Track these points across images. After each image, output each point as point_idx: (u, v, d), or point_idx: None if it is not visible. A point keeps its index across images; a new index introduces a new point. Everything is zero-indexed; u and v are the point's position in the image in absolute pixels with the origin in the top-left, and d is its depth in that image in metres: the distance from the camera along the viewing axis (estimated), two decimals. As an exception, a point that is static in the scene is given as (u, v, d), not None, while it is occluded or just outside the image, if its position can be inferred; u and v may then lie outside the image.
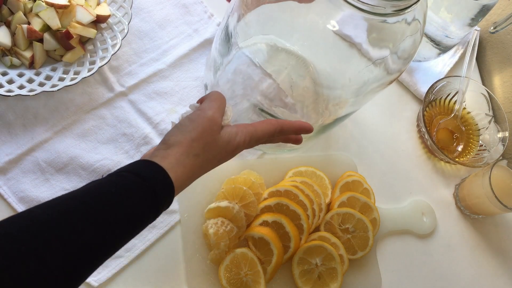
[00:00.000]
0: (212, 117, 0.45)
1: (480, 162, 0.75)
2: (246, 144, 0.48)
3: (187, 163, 0.43)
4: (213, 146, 0.45)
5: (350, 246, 0.64)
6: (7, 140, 0.60)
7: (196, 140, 0.44)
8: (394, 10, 0.44)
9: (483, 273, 0.72)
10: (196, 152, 0.44)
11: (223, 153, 0.47)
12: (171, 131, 0.45)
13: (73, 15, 0.62)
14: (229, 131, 0.47)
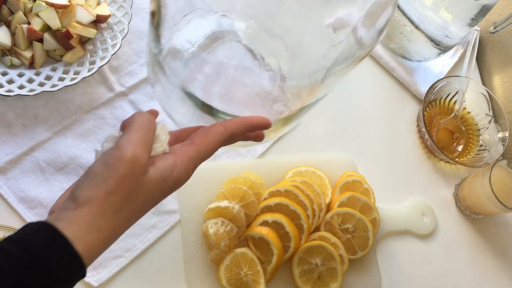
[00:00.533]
0: (132, 158, 0.34)
1: (480, 162, 0.75)
2: (190, 171, 0.39)
3: (104, 225, 0.33)
4: (140, 193, 0.35)
5: (350, 246, 0.64)
6: (7, 140, 0.60)
7: (114, 191, 0.33)
8: None
9: (483, 273, 0.72)
10: (116, 208, 0.34)
11: (157, 195, 0.37)
12: (81, 181, 0.34)
13: (73, 15, 0.62)
14: (163, 166, 0.36)
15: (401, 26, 0.76)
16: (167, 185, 0.37)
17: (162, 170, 0.36)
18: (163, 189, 0.37)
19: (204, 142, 0.39)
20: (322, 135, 0.74)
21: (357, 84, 0.79)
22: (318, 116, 0.75)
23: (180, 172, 0.37)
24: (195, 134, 0.41)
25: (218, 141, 0.40)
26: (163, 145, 0.38)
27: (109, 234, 0.34)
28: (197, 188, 0.64)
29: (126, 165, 0.34)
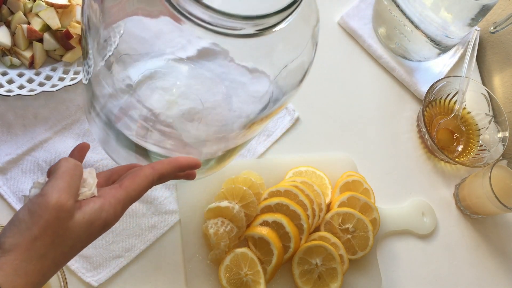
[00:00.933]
0: (57, 204, 0.35)
1: (480, 162, 0.75)
2: (118, 214, 0.39)
3: (30, 269, 0.34)
4: (66, 237, 0.36)
5: (350, 246, 0.64)
6: (7, 140, 0.60)
7: (40, 238, 0.34)
8: (258, 29, 0.35)
9: (483, 273, 0.72)
10: (42, 253, 0.34)
11: (85, 238, 0.37)
12: (7, 228, 0.35)
13: (73, 15, 0.62)
14: (91, 209, 0.37)
15: (401, 26, 0.76)
16: (95, 228, 0.37)
17: (89, 213, 0.37)
18: (91, 232, 0.37)
19: (132, 185, 0.40)
20: (322, 135, 0.74)
21: (357, 84, 0.79)
22: (318, 116, 0.75)
23: (108, 215, 0.38)
24: (124, 177, 0.41)
25: (146, 183, 0.41)
26: (91, 188, 0.39)
27: (37, 277, 0.35)
28: (197, 188, 0.64)
29: (51, 212, 0.35)
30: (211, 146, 0.51)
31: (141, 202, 0.61)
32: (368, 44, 0.82)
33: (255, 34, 0.36)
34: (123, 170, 0.44)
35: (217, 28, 0.34)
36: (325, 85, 0.78)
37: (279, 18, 0.35)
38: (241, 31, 0.35)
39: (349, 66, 0.80)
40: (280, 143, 0.71)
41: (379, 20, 0.81)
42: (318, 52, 0.79)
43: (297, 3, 0.36)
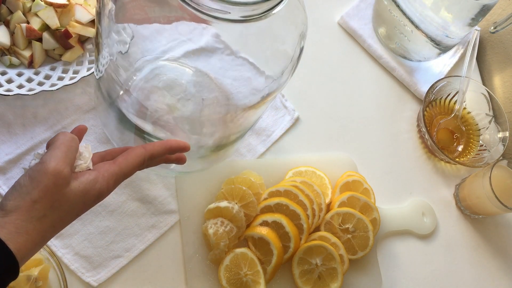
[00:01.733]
0: (55, 170, 0.38)
1: (481, 162, 0.75)
2: (111, 187, 0.43)
3: (31, 229, 0.37)
4: (63, 202, 0.39)
5: (350, 246, 0.63)
6: (6, 140, 0.60)
7: (39, 201, 0.38)
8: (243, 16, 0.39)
9: (483, 273, 0.72)
10: (41, 214, 0.38)
11: (80, 206, 0.41)
12: (9, 192, 0.39)
13: (72, 14, 0.62)
14: (86, 179, 0.41)
15: (401, 26, 0.76)
16: (89, 197, 0.41)
17: (85, 183, 0.40)
18: (86, 201, 0.41)
19: (125, 161, 0.44)
20: (322, 135, 0.74)
21: (357, 84, 0.79)
22: (318, 116, 0.75)
23: (102, 186, 0.42)
24: (119, 156, 0.45)
25: (138, 161, 0.44)
26: (86, 161, 0.42)
27: (37, 237, 0.38)
28: (196, 188, 0.64)
29: (49, 177, 0.38)
30: (207, 130, 0.54)
31: (141, 202, 0.61)
32: (368, 44, 0.82)
33: (242, 20, 0.39)
34: (116, 152, 0.47)
35: (208, 11, 0.38)
36: (325, 85, 0.78)
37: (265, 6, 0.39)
38: (227, 16, 0.38)
39: (349, 66, 0.80)
40: (280, 143, 0.71)
41: (379, 20, 0.81)
42: (318, 52, 0.80)
43: None
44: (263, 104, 0.49)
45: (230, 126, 0.53)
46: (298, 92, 0.75)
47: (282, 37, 0.47)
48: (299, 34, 0.47)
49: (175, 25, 0.45)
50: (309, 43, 0.79)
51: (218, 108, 0.52)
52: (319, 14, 0.83)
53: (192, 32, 0.49)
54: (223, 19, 0.38)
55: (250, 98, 0.48)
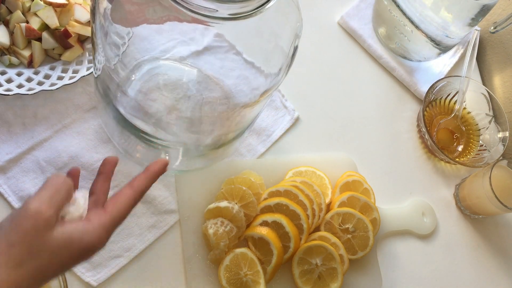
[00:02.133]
0: (35, 213, 0.35)
1: (480, 162, 0.75)
2: (104, 239, 0.39)
3: (5, 278, 0.33)
4: (43, 249, 0.35)
5: (350, 246, 0.63)
6: (7, 139, 0.60)
7: (15, 245, 0.34)
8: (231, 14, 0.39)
9: (483, 273, 0.72)
10: (17, 261, 0.34)
11: (65, 258, 0.36)
12: None
13: (71, 13, 0.62)
14: (72, 229, 0.37)
15: (401, 26, 0.76)
16: (75, 249, 0.37)
17: (70, 232, 0.36)
18: (71, 252, 0.37)
19: (115, 208, 0.40)
20: (322, 135, 0.74)
21: (357, 84, 0.79)
22: (318, 116, 0.75)
23: (91, 238, 0.38)
24: (108, 201, 0.41)
25: (129, 203, 0.41)
26: (79, 210, 0.39)
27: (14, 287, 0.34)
28: (196, 188, 0.63)
29: (29, 220, 0.35)
30: (206, 128, 0.54)
31: (140, 201, 0.61)
32: (368, 44, 0.82)
33: (230, 18, 0.39)
34: (103, 190, 0.44)
35: (196, 10, 0.38)
36: (325, 85, 0.77)
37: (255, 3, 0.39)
38: (215, 14, 0.38)
39: (349, 66, 0.80)
40: (280, 143, 0.71)
41: (379, 20, 0.81)
42: (318, 52, 0.80)
43: None
44: (260, 102, 0.49)
45: (228, 124, 0.53)
46: (298, 92, 0.75)
47: (278, 35, 0.48)
48: (293, 33, 0.48)
49: (173, 25, 0.46)
50: (309, 43, 0.79)
51: (217, 107, 0.52)
52: (319, 14, 0.83)
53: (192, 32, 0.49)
54: (211, 17, 0.38)
55: (250, 96, 0.48)
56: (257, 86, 0.48)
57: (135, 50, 0.48)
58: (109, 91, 0.51)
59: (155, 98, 0.52)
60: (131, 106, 0.51)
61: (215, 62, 0.53)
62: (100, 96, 0.54)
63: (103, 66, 0.48)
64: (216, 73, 0.53)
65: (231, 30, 0.48)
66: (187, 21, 0.43)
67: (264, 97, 0.48)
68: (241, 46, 0.51)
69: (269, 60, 0.48)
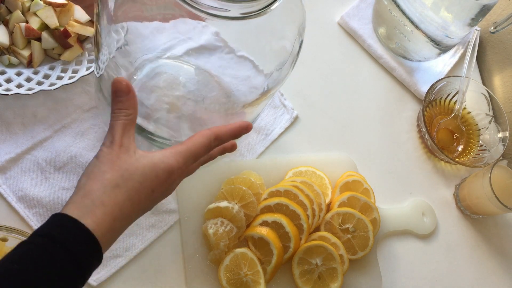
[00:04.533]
0: (116, 143, 0.39)
1: (481, 162, 0.74)
2: (181, 163, 0.41)
3: (106, 199, 0.37)
4: (132, 172, 0.39)
5: (350, 246, 0.63)
6: (6, 139, 0.60)
7: (108, 171, 0.38)
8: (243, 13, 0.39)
9: (483, 273, 0.72)
10: (114, 183, 0.38)
11: (154, 179, 0.39)
12: (81, 176, 0.39)
13: (71, 13, 0.62)
14: (153, 155, 0.40)
15: (401, 26, 0.76)
16: (160, 171, 0.40)
17: (151, 156, 0.40)
18: (158, 174, 0.40)
19: (190, 140, 0.42)
20: (322, 135, 0.74)
21: (357, 84, 0.79)
22: (318, 115, 0.75)
23: (171, 161, 0.40)
24: None
25: (204, 140, 0.43)
26: None
27: (114, 209, 0.37)
28: (196, 188, 0.63)
29: (111, 151, 0.39)
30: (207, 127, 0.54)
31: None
32: (368, 44, 0.81)
33: (242, 17, 0.39)
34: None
35: (207, 10, 0.37)
36: (325, 84, 0.77)
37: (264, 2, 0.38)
38: (227, 14, 0.38)
39: (349, 66, 0.80)
40: (280, 143, 0.71)
41: (379, 20, 0.81)
42: (318, 52, 0.80)
43: None
44: (262, 101, 0.49)
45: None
46: (297, 91, 0.75)
47: (280, 32, 0.47)
48: (297, 28, 0.47)
49: (174, 24, 0.45)
50: (309, 43, 0.79)
51: (218, 106, 0.52)
52: (319, 14, 0.82)
53: (192, 31, 0.49)
54: (223, 17, 0.38)
55: (250, 96, 0.48)
56: (256, 84, 0.48)
57: (137, 49, 0.48)
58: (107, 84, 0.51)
59: (156, 97, 0.52)
60: None
61: (214, 60, 0.53)
62: (103, 97, 0.54)
63: (106, 66, 0.48)
64: (216, 71, 0.53)
65: (231, 29, 0.48)
66: (192, 18, 0.43)
67: (266, 96, 0.48)
68: (241, 45, 0.50)
69: (270, 58, 0.48)
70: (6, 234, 0.52)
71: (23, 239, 0.52)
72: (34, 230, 0.36)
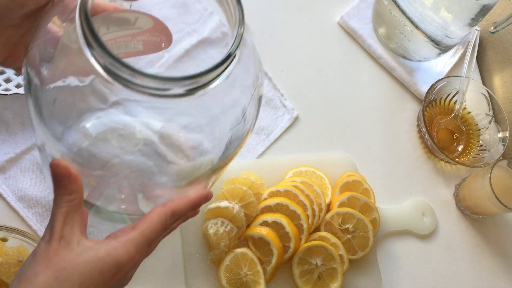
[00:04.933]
0: (53, 235, 0.34)
1: (481, 162, 0.74)
2: (132, 252, 0.36)
3: None
4: (70, 271, 0.33)
5: (350, 246, 0.63)
6: (5, 139, 0.60)
7: (41, 273, 0.33)
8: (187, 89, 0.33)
9: (483, 273, 0.72)
10: (47, 287, 0.32)
11: (97, 276, 0.34)
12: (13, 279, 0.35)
13: (72, 13, 0.62)
14: (97, 247, 0.35)
15: (401, 26, 0.76)
16: (106, 265, 0.34)
17: (96, 248, 0.35)
18: (102, 270, 0.34)
19: (144, 223, 0.37)
20: (322, 135, 0.74)
21: (357, 84, 0.79)
22: (318, 116, 0.75)
23: (119, 253, 0.35)
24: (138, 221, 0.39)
25: (158, 220, 0.38)
26: None
27: None
28: (196, 188, 0.63)
29: (53, 246, 0.34)
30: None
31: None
32: (368, 44, 0.81)
33: (184, 94, 0.34)
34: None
35: (145, 90, 0.33)
36: (324, 84, 0.77)
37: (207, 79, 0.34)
38: (170, 92, 0.33)
39: (349, 66, 0.80)
40: (280, 143, 0.71)
41: (379, 20, 0.81)
42: (318, 52, 0.80)
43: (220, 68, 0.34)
44: (213, 176, 0.44)
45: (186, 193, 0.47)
46: (297, 91, 0.75)
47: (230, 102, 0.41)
48: (252, 89, 0.41)
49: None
50: (309, 43, 0.79)
51: (169, 181, 0.46)
52: (319, 14, 0.82)
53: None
54: (166, 96, 0.33)
55: (198, 171, 0.42)
56: (204, 161, 0.43)
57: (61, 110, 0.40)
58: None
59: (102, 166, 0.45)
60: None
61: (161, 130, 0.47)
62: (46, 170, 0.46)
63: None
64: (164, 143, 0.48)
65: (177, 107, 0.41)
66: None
67: (216, 173, 0.43)
68: (185, 121, 0.45)
69: (218, 134, 0.42)
70: (6, 234, 0.52)
71: (23, 239, 0.52)
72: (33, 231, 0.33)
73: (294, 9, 0.81)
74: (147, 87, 0.32)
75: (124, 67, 0.31)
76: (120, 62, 0.31)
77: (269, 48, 0.77)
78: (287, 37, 0.79)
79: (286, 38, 0.79)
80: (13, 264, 0.50)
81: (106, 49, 0.31)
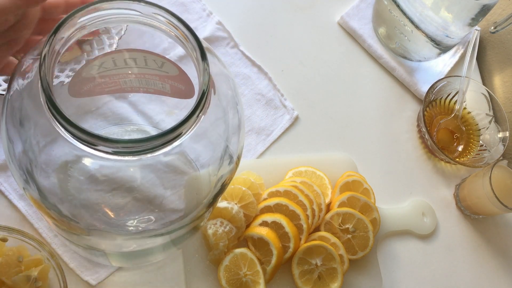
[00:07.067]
0: None
1: (481, 162, 0.74)
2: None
3: None
4: None
5: (350, 246, 0.63)
6: (5, 139, 0.60)
7: None
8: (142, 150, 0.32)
9: (483, 273, 0.72)
10: None
11: None
12: None
13: (71, 14, 0.62)
14: None
15: (401, 26, 0.76)
16: None
17: None
18: None
19: None
20: (322, 135, 0.74)
21: (357, 84, 0.79)
22: (318, 116, 0.75)
23: None
24: None
25: None
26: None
27: None
28: (196, 188, 0.63)
29: None
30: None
31: (140, 202, 0.61)
32: (368, 44, 0.81)
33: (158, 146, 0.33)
34: None
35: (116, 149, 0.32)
36: (324, 84, 0.77)
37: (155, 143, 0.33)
38: (137, 148, 0.32)
39: (349, 66, 0.80)
40: (280, 143, 0.71)
41: (379, 20, 0.81)
42: (318, 52, 0.80)
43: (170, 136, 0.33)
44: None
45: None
46: (297, 91, 0.75)
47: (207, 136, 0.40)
48: (226, 132, 0.41)
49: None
50: (309, 43, 0.80)
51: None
52: (319, 14, 0.83)
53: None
54: (135, 152, 0.32)
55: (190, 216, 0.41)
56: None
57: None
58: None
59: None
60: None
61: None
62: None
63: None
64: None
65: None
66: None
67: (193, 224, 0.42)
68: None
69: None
70: (6, 234, 0.52)
71: (23, 239, 0.52)
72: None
73: (294, 9, 0.81)
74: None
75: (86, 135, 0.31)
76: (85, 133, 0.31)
77: (269, 48, 0.77)
78: (287, 37, 0.79)
79: (286, 38, 0.79)
80: (13, 264, 0.51)
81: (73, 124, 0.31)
